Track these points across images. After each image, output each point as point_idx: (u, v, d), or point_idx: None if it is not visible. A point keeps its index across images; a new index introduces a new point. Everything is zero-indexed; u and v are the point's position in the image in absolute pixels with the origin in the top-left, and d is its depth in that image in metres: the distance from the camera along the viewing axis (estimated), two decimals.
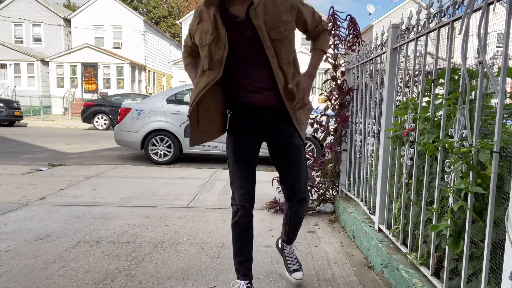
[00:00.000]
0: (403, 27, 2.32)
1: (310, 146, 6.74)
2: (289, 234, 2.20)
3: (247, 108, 1.84)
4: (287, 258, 2.26)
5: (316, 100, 7.29)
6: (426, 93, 2.04)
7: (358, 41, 3.69)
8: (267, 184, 4.27)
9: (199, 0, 1.96)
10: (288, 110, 1.83)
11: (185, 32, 23.86)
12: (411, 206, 2.12)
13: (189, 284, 2.17)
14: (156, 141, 6.78)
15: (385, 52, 2.61)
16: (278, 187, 3.34)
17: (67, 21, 24.05)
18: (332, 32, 3.63)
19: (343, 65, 3.73)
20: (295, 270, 2.20)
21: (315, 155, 5.87)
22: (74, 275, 2.24)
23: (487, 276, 1.41)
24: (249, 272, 1.98)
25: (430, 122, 1.95)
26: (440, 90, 1.96)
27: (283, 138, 1.90)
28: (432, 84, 1.92)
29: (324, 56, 3.75)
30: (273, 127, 1.89)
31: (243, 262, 1.97)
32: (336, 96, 3.71)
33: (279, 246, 2.34)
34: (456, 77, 1.98)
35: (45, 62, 22.19)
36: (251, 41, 1.71)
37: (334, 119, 3.76)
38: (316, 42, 1.90)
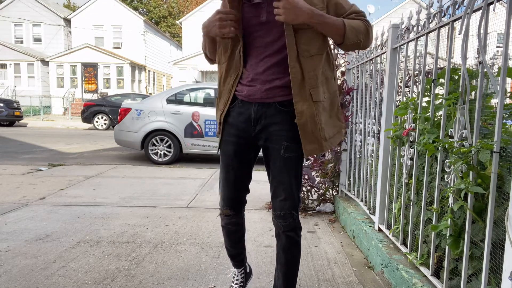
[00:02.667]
0: (403, 27, 2.32)
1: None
2: (277, 284, 1.69)
3: (241, 103, 1.59)
4: None
5: None
6: (426, 93, 2.04)
7: None
8: (267, 184, 4.27)
9: (199, 0, 1.94)
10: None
11: (185, 32, 23.87)
12: (411, 206, 2.12)
13: (189, 284, 2.17)
14: (156, 141, 6.78)
15: (385, 52, 2.61)
16: None
17: (67, 21, 24.05)
18: None
19: (343, 65, 3.73)
20: None
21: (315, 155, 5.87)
22: (74, 275, 2.24)
23: (487, 276, 1.41)
24: (242, 261, 1.96)
25: (430, 122, 1.95)
26: (440, 90, 1.96)
27: (270, 144, 1.59)
28: (432, 84, 1.92)
29: None
30: (264, 127, 1.57)
31: (236, 255, 1.92)
32: None
33: None
34: (456, 77, 1.98)
35: (45, 62, 22.19)
36: (266, 25, 1.48)
37: None
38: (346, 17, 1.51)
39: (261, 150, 1.69)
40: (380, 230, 2.61)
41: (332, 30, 1.44)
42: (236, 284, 2.00)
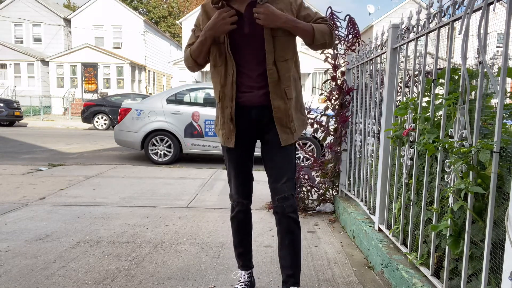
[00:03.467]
0: (403, 27, 2.32)
1: (310, 146, 6.74)
2: (286, 266, 1.85)
3: (240, 107, 1.80)
4: None
5: (316, 100, 7.29)
6: (426, 93, 2.04)
7: (357, 41, 3.69)
8: (266, 184, 4.26)
9: (199, 0, 1.97)
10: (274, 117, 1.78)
11: (185, 32, 23.86)
12: (411, 206, 2.12)
13: (189, 284, 2.17)
14: (156, 141, 6.78)
15: (385, 52, 2.61)
16: None
17: (67, 21, 24.05)
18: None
19: (343, 65, 3.73)
20: None
21: (315, 155, 5.87)
22: (74, 275, 2.24)
23: (487, 276, 1.41)
24: (249, 263, 2.08)
25: (430, 122, 1.95)
26: (440, 90, 1.96)
27: (269, 138, 1.85)
28: (432, 84, 1.92)
29: (324, 56, 3.75)
30: (263, 126, 1.85)
31: (242, 254, 2.06)
32: (336, 96, 3.71)
33: None
34: (456, 77, 1.98)
35: (45, 62, 22.19)
36: (248, 38, 1.73)
37: (334, 119, 3.76)
38: (314, 23, 1.80)
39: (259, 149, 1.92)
40: (380, 230, 2.61)
41: (303, 33, 1.74)
42: (239, 285, 2.03)
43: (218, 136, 1.93)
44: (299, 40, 1.87)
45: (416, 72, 2.45)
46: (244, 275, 2.06)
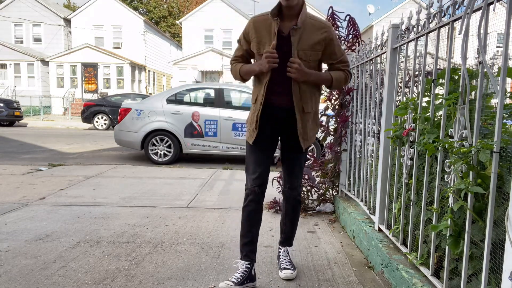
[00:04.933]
0: (403, 27, 2.32)
1: (310, 146, 6.73)
2: (286, 231, 2.39)
3: (269, 107, 2.11)
4: (281, 259, 2.37)
5: None
6: (426, 93, 2.04)
7: (357, 41, 3.69)
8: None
9: (199, 0, 2.01)
10: (296, 122, 2.12)
11: (185, 32, 23.88)
12: (411, 206, 2.12)
13: (189, 284, 2.17)
14: (156, 141, 6.78)
15: (385, 52, 2.61)
16: (278, 187, 3.34)
17: (67, 21, 24.05)
18: None
19: None
20: (284, 268, 2.29)
21: (315, 155, 5.87)
22: (74, 275, 2.24)
23: (487, 276, 1.41)
24: (252, 254, 2.18)
25: (430, 122, 1.95)
26: (440, 90, 1.96)
27: (289, 143, 2.23)
28: (432, 84, 1.92)
29: None
30: (285, 128, 2.17)
31: (248, 244, 2.18)
32: (336, 96, 3.71)
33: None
34: (456, 77, 1.98)
35: (45, 62, 22.19)
36: (284, 54, 2.01)
37: (334, 119, 3.76)
38: (332, 71, 2.17)
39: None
40: (380, 230, 2.61)
41: (324, 82, 2.16)
42: (235, 276, 2.11)
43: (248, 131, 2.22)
44: None
45: (416, 72, 2.45)
46: (243, 265, 2.14)
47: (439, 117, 2.00)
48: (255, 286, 2.16)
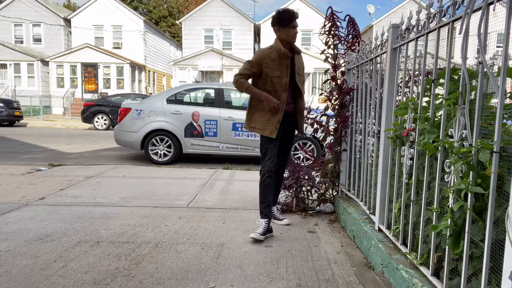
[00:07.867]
0: (403, 27, 2.32)
1: (310, 146, 6.74)
2: (275, 193, 3.38)
3: (286, 113, 3.05)
4: (275, 215, 3.39)
5: (316, 100, 7.29)
6: (426, 93, 2.04)
7: (357, 41, 3.69)
8: None
9: (199, 0, 2.01)
10: (297, 118, 3.19)
11: (185, 32, 23.86)
12: (411, 206, 2.12)
13: (189, 284, 2.17)
14: (156, 141, 6.78)
15: (385, 52, 2.61)
16: None
17: (67, 21, 24.04)
18: (332, 32, 3.64)
19: (343, 65, 3.73)
20: (283, 218, 3.38)
21: (315, 155, 5.87)
22: (74, 275, 2.24)
23: (487, 276, 1.41)
24: (269, 213, 3.02)
25: (430, 122, 1.95)
26: (440, 90, 1.96)
27: (292, 134, 3.29)
28: (432, 84, 1.92)
29: (324, 56, 3.77)
30: (292, 126, 3.21)
31: (266, 207, 3.01)
32: (336, 96, 3.71)
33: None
34: (456, 77, 1.98)
35: (45, 62, 22.18)
36: (289, 75, 3.04)
37: (334, 119, 3.76)
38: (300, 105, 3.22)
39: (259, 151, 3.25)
40: (380, 230, 2.61)
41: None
42: (259, 230, 2.92)
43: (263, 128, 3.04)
44: (298, 40, 1.90)
45: (416, 72, 2.45)
46: (264, 222, 2.97)
47: (439, 117, 2.00)
48: (273, 235, 3.00)
